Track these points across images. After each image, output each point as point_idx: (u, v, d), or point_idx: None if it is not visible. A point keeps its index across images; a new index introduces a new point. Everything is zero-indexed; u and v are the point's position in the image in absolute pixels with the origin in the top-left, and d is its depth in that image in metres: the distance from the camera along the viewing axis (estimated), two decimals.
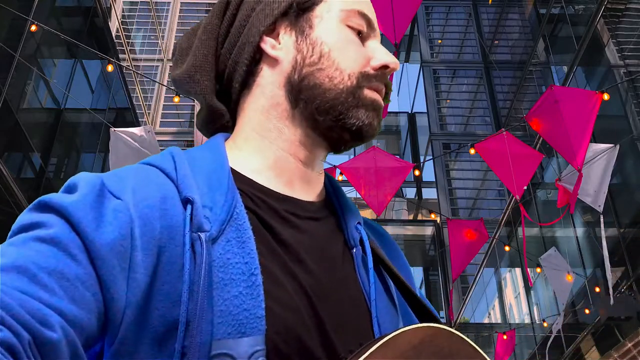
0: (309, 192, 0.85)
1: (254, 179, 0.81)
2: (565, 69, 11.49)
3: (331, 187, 0.91)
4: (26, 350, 0.53)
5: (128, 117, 12.49)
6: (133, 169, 0.76)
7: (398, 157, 10.31)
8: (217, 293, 0.67)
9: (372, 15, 0.87)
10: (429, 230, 15.80)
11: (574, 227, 10.88)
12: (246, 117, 0.85)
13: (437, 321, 0.83)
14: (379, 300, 0.81)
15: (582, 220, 10.63)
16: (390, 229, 15.94)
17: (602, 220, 5.47)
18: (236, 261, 0.69)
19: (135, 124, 11.99)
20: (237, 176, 0.79)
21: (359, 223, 0.86)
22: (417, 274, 17.61)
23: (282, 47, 0.84)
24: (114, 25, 13.28)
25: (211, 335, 0.65)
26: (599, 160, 5.47)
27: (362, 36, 0.86)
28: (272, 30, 0.85)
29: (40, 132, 9.09)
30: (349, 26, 0.84)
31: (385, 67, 0.84)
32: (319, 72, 0.81)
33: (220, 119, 0.89)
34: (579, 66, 10.52)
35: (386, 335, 0.66)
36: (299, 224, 0.79)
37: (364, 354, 0.65)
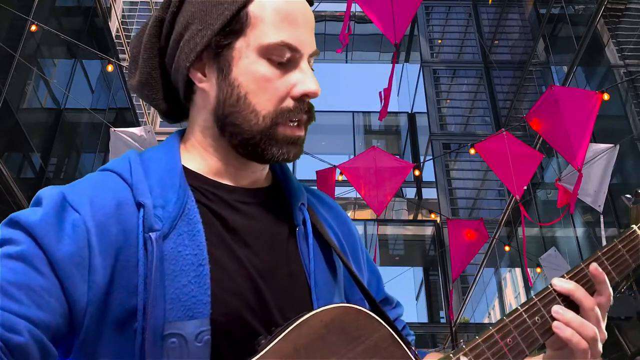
0: (255, 181, 0.95)
1: (204, 175, 0.91)
2: (565, 69, 11.48)
3: (280, 171, 1.01)
4: None
5: (128, 117, 12.49)
6: (94, 178, 0.87)
7: (398, 157, 10.31)
8: (169, 283, 0.79)
9: (296, 37, 0.88)
10: (429, 230, 15.79)
11: (574, 227, 10.87)
12: (191, 127, 0.96)
13: (366, 291, 0.96)
14: (318, 274, 0.91)
15: (582, 220, 10.62)
16: (390, 229, 15.95)
17: (602, 220, 5.47)
18: (187, 253, 0.81)
19: (135, 124, 12.00)
20: (189, 173, 0.90)
21: (302, 204, 0.95)
22: (417, 274, 17.60)
23: (208, 80, 0.90)
24: (114, 25, 13.27)
25: (164, 318, 0.77)
26: (599, 160, 5.46)
27: (285, 64, 0.88)
28: (200, 60, 0.90)
29: (40, 132, 9.09)
30: (269, 58, 0.87)
31: (305, 95, 0.89)
32: (237, 114, 0.88)
33: (173, 115, 1.00)
34: (579, 66, 10.51)
35: (303, 315, 0.78)
36: (247, 210, 0.90)
37: (282, 333, 0.77)
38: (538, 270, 9.35)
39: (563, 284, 0.88)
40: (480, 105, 16.39)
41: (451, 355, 0.83)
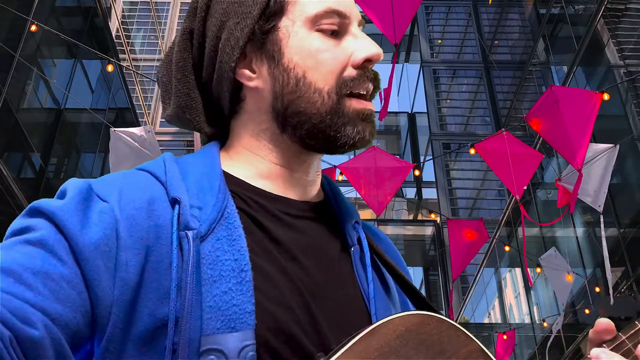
0: (303, 194, 0.85)
1: (247, 181, 0.81)
2: (565, 69, 11.49)
3: (330, 189, 0.91)
4: (7, 346, 0.56)
5: (128, 117, 12.49)
6: (123, 173, 0.78)
7: (398, 157, 10.31)
8: (206, 289, 0.68)
9: (341, 2, 0.81)
10: (429, 230, 15.80)
11: (574, 227, 10.88)
12: (237, 137, 0.86)
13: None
14: (377, 298, 0.81)
15: (582, 220, 10.63)
16: (390, 229, 15.94)
17: (602, 220, 5.46)
18: (226, 258, 0.70)
19: (135, 124, 11.99)
20: (230, 178, 0.80)
21: (356, 222, 0.86)
22: (417, 274, 17.60)
23: (259, 75, 0.82)
24: (114, 25, 13.27)
25: (200, 331, 0.66)
26: (599, 160, 5.46)
27: (338, 32, 0.81)
28: (244, 58, 0.82)
29: (40, 132, 9.08)
30: (319, 29, 0.80)
31: (368, 60, 0.81)
32: (299, 99, 0.79)
33: (218, 138, 0.90)
34: (579, 66, 10.51)
35: (373, 324, 0.66)
36: (292, 222, 0.79)
37: (350, 341, 0.65)
38: (538, 270, 9.36)
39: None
40: (480, 105, 16.40)
41: None
